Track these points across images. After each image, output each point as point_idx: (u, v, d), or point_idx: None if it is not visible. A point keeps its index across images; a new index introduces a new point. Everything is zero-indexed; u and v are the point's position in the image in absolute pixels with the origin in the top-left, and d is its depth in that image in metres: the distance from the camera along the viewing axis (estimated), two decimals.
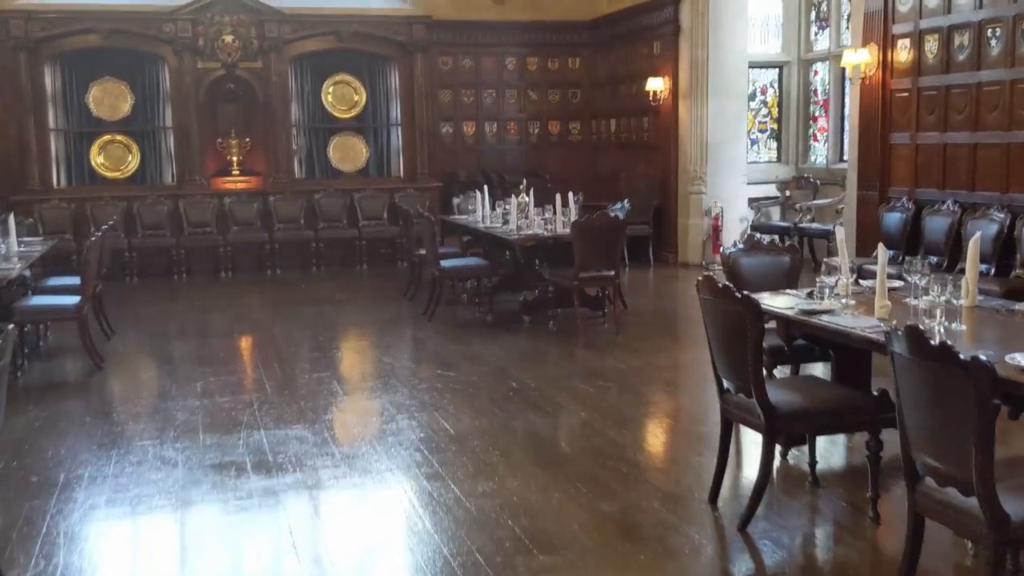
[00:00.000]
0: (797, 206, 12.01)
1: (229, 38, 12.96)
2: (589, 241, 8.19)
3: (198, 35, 12.85)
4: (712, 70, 12.07)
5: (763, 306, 4.24)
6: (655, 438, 5.94)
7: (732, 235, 12.25)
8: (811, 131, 13.04)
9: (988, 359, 2.92)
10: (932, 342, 3.02)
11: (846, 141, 12.43)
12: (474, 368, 7.26)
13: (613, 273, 8.41)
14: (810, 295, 5.08)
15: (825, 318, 4.46)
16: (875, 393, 4.61)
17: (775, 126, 13.33)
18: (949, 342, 3.00)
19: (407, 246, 10.60)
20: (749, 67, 12.42)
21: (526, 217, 9.29)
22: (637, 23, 13.30)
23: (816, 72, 12.92)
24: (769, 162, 13.33)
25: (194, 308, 10.33)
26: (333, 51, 13.70)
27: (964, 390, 2.93)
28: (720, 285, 4.16)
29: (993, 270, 7.64)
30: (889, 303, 4.43)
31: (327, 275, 12.57)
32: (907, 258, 4.54)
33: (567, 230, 8.69)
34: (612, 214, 9.05)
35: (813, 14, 12.92)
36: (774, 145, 13.36)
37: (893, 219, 8.77)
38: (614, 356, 7.65)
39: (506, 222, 9.72)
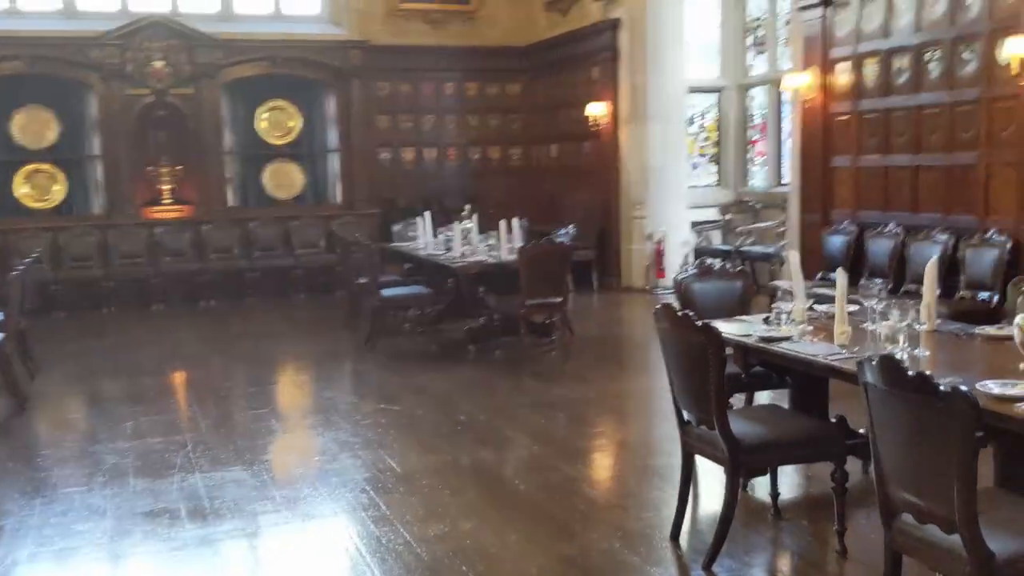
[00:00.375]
0: (738, 229, 12.01)
1: (159, 64, 12.60)
2: (536, 267, 8.03)
3: (127, 61, 12.46)
4: (652, 95, 12.05)
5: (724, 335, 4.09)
6: (611, 472, 5.77)
7: (675, 259, 12.24)
8: (750, 155, 13.09)
9: (962, 387, 2.80)
10: (910, 373, 2.89)
11: (785, 165, 12.50)
12: (419, 401, 7.03)
13: (561, 300, 8.26)
14: (766, 321, 4.97)
15: (785, 345, 4.33)
16: (833, 420, 4.52)
17: (715, 150, 13.36)
18: (928, 372, 2.87)
19: (346, 275, 10.32)
20: (688, 92, 12.43)
21: (470, 244, 9.10)
22: (576, 49, 13.25)
23: (753, 97, 12.99)
24: (709, 186, 13.34)
25: (124, 343, 9.90)
26: (267, 76, 13.40)
27: (945, 423, 2.80)
28: (680, 314, 4.01)
29: (938, 291, 7.62)
30: (849, 329, 4.32)
31: (263, 306, 12.22)
32: (863, 282, 4.43)
33: (512, 256, 8.53)
34: (558, 240, 8.94)
35: (750, 39, 13.00)
36: (714, 169, 13.38)
37: (836, 242, 8.76)
38: (563, 385, 7.48)
39: (449, 249, 9.53)
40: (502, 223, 8.85)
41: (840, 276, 4.40)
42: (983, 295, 7.22)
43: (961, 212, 7.70)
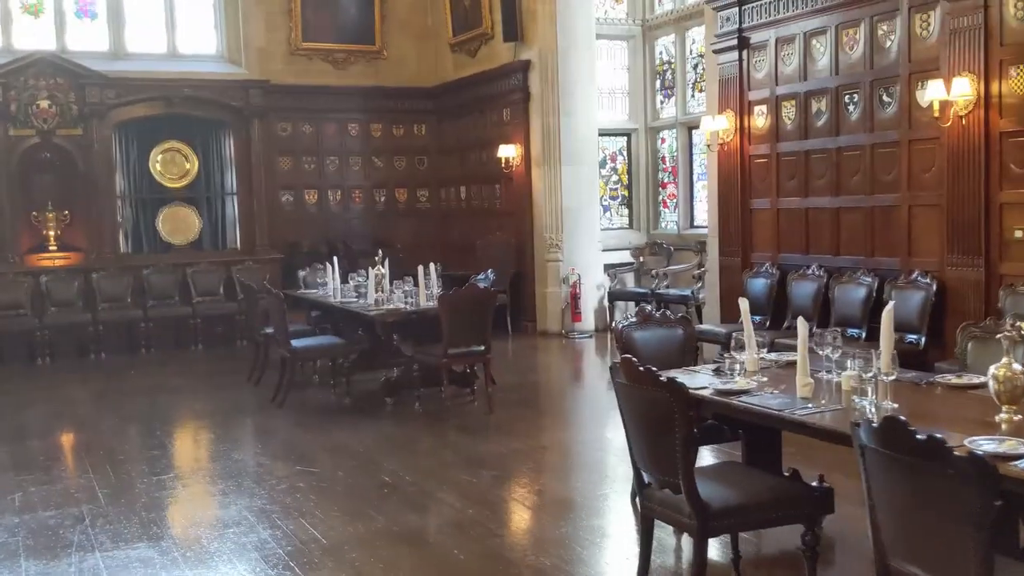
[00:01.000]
0: (653, 272, 11.90)
1: (45, 103, 11.88)
2: (458, 315, 7.68)
3: (10, 100, 11.70)
4: (564, 137, 11.92)
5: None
6: (554, 535, 5.40)
7: (590, 303, 12.08)
8: (661, 197, 13.05)
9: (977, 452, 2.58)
10: (919, 436, 2.65)
11: (697, 207, 12.50)
12: (339, 461, 6.57)
13: (484, 348, 7.92)
14: (717, 372, 4.74)
15: (746, 399, 4.09)
16: (786, 473, 4.32)
17: (626, 193, 13.28)
18: (938, 435, 2.63)
19: (250, 324, 9.79)
20: (599, 135, 12.34)
21: (383, 290, 8.70)
22: (485, 90, 13.06)
23: (663, 139, 12.98)
24: (621, 228, 13.24)
25: (8, 403, 9.13)
26: (162, 117, 12.81)
27: (959, 491, 2.56)
28: (641, 369, 3.72)
29: (864, 334, 7.59)
30: (812, 380, 4.11)
31: (159, 359, 11.53)
32: (818, 330, 4.23)
33: (431, 303, 8.17)
34: (479, 285, 8.63)
35: (658, 83, 13.01)
36: (625, 212, 13.29)
37: (758, 285, 8.68)
38: (491, 439, 7.12)
39: (360, 295, 9.11)
40: (420, 268, 8.49)
41: (801, 325, 4.19)
42: (911, 338, 7.17)
43: (884, 254, 7.68)
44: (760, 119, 8.77)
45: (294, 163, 13.90)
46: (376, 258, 9.39)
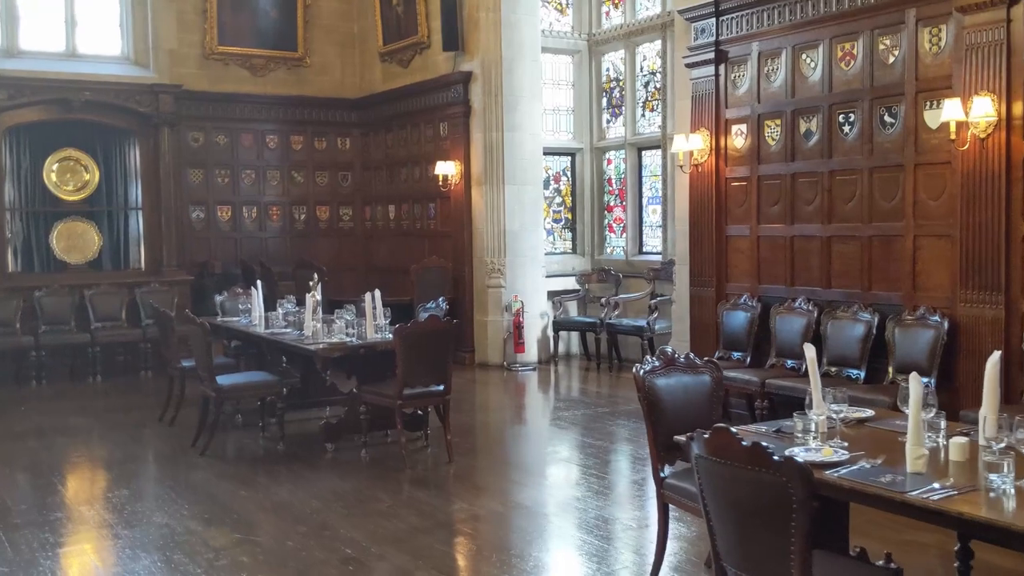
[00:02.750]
0: (603, 300, 11.14)
1: None
2: (416, 350, 6.74)
3: None
4: (508, 154, 11.10)
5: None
6: None
7: (533, 332, 11.26)
8: (607, 221, 12.32)
9: None
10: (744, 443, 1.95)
11: (646, 232, 11.81)
12: (285, 527, 5.54)
13: (443, 388, 6.98)
14: (778, 433, 3.96)
15: (845, 474, 3.30)
16: (853, 554, 3.63)
17: (569, 216, 12.51)
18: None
19: (166, 356, 8.62)
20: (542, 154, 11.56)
21: (318, 319, 7.69)
22: (419, 103, 12.16)
23: (610, 160, 12.26)
24: (565, 253, 12.45)
25: None
26: (59, 122, 11.54)
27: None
28: (746, 444, 2.87)
29: (863, 375, 6.94)
30: (926, 452, 3.35)
31: (53, 392, 10.21)
32: (931, 384, 3.48)
33: (379, 335, 7.22)
34: (427, 315, 7.73)
35: (605, 101, 12.31)
36: (569, 236, 12.51)
37: (737, 319, 7.97)
38: (459, 496, 6.18)
39: (291, 324, 8.10)
40: (368, 296, 7.50)
41: (914, 382, 3.42)
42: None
43: (884, 288, 7.05)
44: (739, 139, 8.10)
45: (206, 176, 12.74)
46: (311, 283, 8.36)
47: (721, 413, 4.72)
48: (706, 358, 4.80)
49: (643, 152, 11.72)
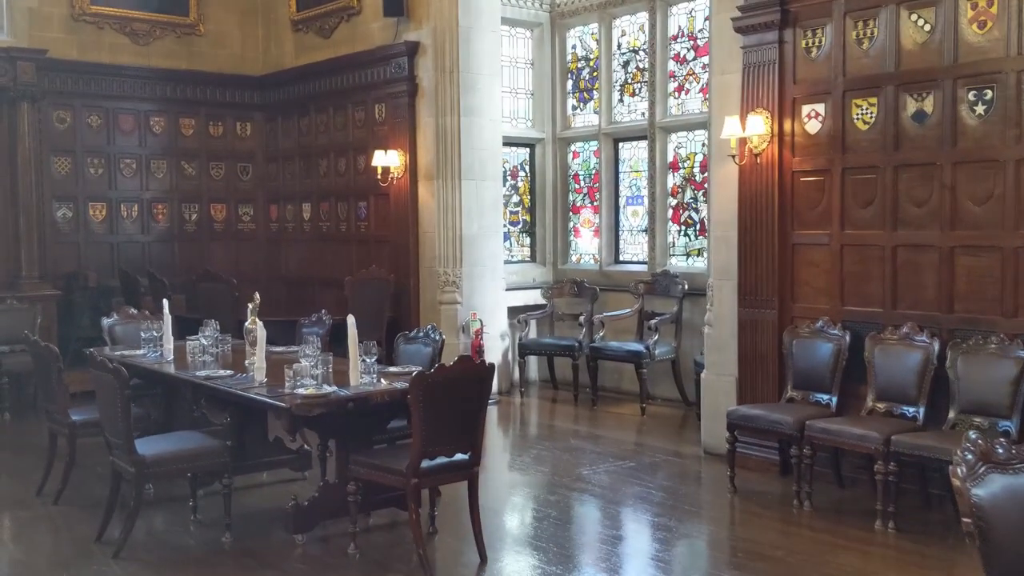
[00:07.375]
0: (581, 319, 9.27)
1: None
2: (440, 406, 4.71)
3: None
4: (465, 143, 9.12)
5: None
6: None
7: (494, 357, 9.25)
8: (572, 224, 10.45)
9: None
10: None
11: (624, 237, 10.02)
12: None
13: (470, 457, 4.97)
14: None
15: None
16: None
17: (527, 218, 10.57)
18: None
19: (37, 403, 6.24)
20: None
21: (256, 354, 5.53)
22: (346, 80, 10.05)
23: (576, 153, 10.40)
24: (523, 261, 10.51)
25: None
26: None
27: None
28: None
29: (1016, 428, 5.33)
30: None
31: None
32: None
33: (372, 384, 5.16)
34: (432, 344, 5.76)
35: (570, 84, 10.44)
36: (527, 241, 10.58)
37: (816, 350, 6.25)
38: None
39: (217, 361, 5.95)
40: (349, 319, 5.37)
41: None
42: None
43: None
44: (813, 122, 6.40)
45: (75, 166, 10.27)
46: (250, 305, 6.17)
47: None
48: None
49: (620, 144, 9.93)
